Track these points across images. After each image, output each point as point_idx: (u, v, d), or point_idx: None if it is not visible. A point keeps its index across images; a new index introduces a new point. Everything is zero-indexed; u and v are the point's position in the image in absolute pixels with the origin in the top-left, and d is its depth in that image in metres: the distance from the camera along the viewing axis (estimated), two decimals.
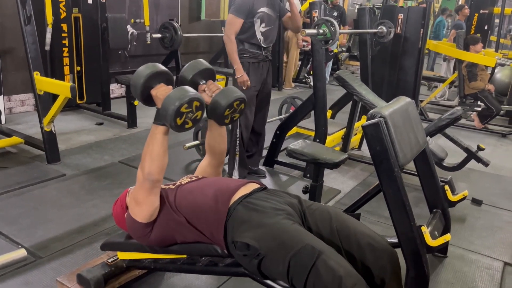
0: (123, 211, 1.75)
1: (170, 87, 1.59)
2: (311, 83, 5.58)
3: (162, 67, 1.62)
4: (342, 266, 1.29)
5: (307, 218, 1.56)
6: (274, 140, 3.54)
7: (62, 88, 3.12)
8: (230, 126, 3.26)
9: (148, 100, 1.61)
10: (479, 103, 5.59)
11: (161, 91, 1.55)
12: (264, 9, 3.00)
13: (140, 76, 1.57)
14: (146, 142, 1.56)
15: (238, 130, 3.16)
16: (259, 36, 3.03)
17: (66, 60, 4.71)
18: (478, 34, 6.35)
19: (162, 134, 1.53)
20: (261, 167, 3.49)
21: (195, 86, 1.72)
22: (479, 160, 3.32)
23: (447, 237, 1.91)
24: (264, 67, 3.18)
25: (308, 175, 3.36)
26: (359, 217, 2.48)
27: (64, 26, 4.61)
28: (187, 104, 1.45)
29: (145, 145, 1.56)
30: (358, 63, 6.56)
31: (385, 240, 1.49)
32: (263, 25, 3.03)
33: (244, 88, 3.04)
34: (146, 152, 1.55)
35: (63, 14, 4.57)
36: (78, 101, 4.90)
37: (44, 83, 3.27)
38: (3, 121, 4.23)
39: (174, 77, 1.75)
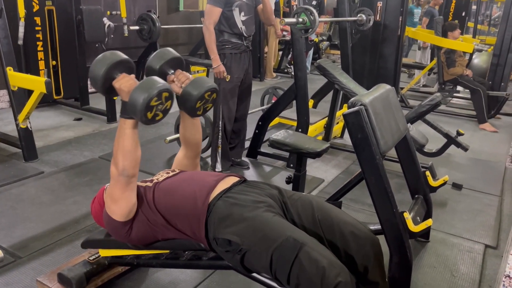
0: (102, 209, 1.71)
1: (133, 76, 1.51)
2: (292, 73, 5.58)
3: (122, 55, 1.53)
4: (325, 256, 1.29)
5: (289, 209, 1.55)
6: (257, 131, 3.52)
7: (37, 83, 3.04)
8: (212, 118, 3.24)
9: (110, 92, 1.53)
10: (457, 88, 5.67)
11: (124, 83, 1.46)
12: None
13: (100, 67, 1.47)
14: (116, 137, 1.50)
15: (220, 122, 3.13)
16: (240, 25, 3.00)
17: (40, 55, 4.59)
18: (456, 21, 6.42)
19: (131, 128, 1.47)
20: (244, 159, 3.47)
21: (163, 76, 1.64)
22: (458, 145, 3.37)
23: (429, 222, 1.93)
24: (245, 57, 3.15)
25: (291, 165, 3.36)
26: (340, 205, 2.50)
27: (38, 20, 4.48)
28: (156, 97, 1.38)
29: (115, 140, 1.50)
30: (338, 52, 6.58)
31: (367, 228, 1.50)
32: (242, 13, 3.00)
33: (220, 78, 3.01)
34: (118, 148, 1.49)
35: (36, 7, 4.44)
36: (55, 97, 4.79)
37: (17, 78, 3.17)
38: None
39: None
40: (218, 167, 3.21)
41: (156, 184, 1.66)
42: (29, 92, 3.15)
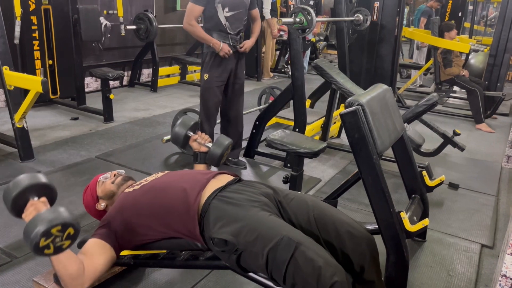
0: (94, 201, 1.73)
1: (41, 202, 1.49)
2: (290, 73, 5.58)
3: (26, 181, 1.50)
4: (321, 256, 1.29)
5: (285, 208, 1.55)
6: (254, 130, 3.52)
7: (33, 82, 3.02)
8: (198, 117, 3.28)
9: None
10: (454, 88, 5.68)
11: (28, 217, 1.44)
12: None
13: (7, 204, 1.48)
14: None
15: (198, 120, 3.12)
16: (223, 21, 2.96)
17: (37, 54, 4.57)
18: (453, 21, 6.44)
19: (53, 256, 1.44)
20: (242, 158, 3.47)
21: (187, 138, 2.15)
22: (455, 145, 3.38)
23: (426, 221, 1.93)
24: (231, 58, 3.08)
25: (288, 165, 3.36)
26: (336, 204, 2.50)
27: (34, 19, 4.46)
28: (43, 237, 1.31)
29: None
30: (336, 52, 6.58)
31: (363, 227, 1.50)
32: (226, 9, 2.95)
33: (226, 57, 3.00)
34: (56, 273, 1.51)
35: (32, 6, 4.42)
36: (52, 96, 4.77)
37: (13, 78, 3.16)
38: None
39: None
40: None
41: (143, 186, 1.67)
42: (25, 92, 3.14)
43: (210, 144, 2.15)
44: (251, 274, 1.50)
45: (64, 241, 1.39)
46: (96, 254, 1.60)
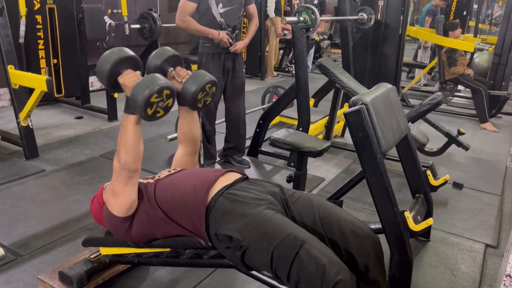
0: (101, 208, 1.72)
1: (138, 73, 1.54)
2: (293, 72, 5.57)
3: (129, 52, 1.56)
4: (326, 254, 1.29)
5: (290, 207, 1.55)
6: (257, 129, 3.52)
7: (38, 81, 3.04)
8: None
9: (116, 87, 1.56)
10: (458, 87, 5.66)
11: (128, 79, 1.49)
12: None
13: (106, 62, 1.50)
14: (119, 132, 1.54)
15: (200, 120, 3.11)
16: (218, 18, 2.92)
17: (41, 53, 4.59)
18: (457, 20, 6.41)
19: (133, 124, 1.50)
20: (245, 157, 3.47)
21: (164, 73, 1.70)
22: (459, 144, 3.36)
23: (430, 221, 1.93)
24: (228, 60, 3.05)
25: (292, 164, 3.36)
26: (341, 204, 2.50)
27: (39, 18, 4.48)
28: (157, 94, 1.41)
29: (118, 135, 1.54)
30: (339, 51, 6.56)
31: (367, 227, 1.50)
32: (220, 5, 2.91)
33: (227, 45, 2.96)
34: (120, 142, 1.52)
35: (37, 5, 4.44)
36: (56, 95, 4.79)
37: (19, 76, 3.17)
38: None
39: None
40: (201, 160, 3.20)
41: (157, 180, 1.67)
42: (30, 91, 3.16)
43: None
44: (254, 272, 1.50)
45: (161, 109, 1.47)
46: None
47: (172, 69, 1.74)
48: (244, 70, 3.25)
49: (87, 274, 1.78)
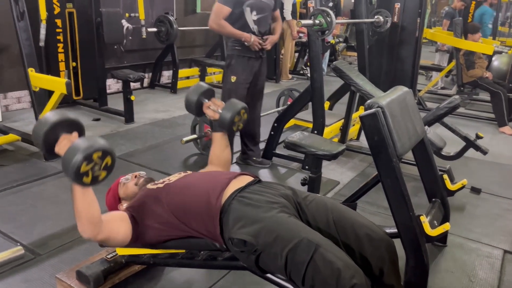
0: (116, 202, 1.76)
1: (74, 136, 1.45)
2: (308, 75, 5.56)
3: (58, 116, 1.45)
4: (340, 258, 1.29)
5: (303, 210, 1.55)
6: (272, 132, 3.53)
7: (57, 84, 3.10)
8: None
9: (57, 156, 1.45)
10: (477, 91, 5.57)
11: (62, 148, 1.39)
12: None
13: (37, 137, 1.41)
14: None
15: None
16: (251, 25, 2.99)
17: (61, 56, 4.67)
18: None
19: (80, 192, 1.43)
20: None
21: (200, 104, 1.97)
22: (477, 148, 3.31)
23: (446, 226, 1.90)
24: (255, 61, 3.14)
25: (306, 167, 3.35)
26: (356, 207, 2.48)
27: (58, 22, 4.57)
28: (86, 161, 1.31)
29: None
30: (355, 54, 6.53)
31: (382, 230, 1.49)
32: (254, 12, 2.98)
33: (257, 49, 3.05)
34: (74, 211, 1.46)
35: (57, 10, 4.52)
36: (75, 97, 4.87)
37: (39, 79, 3.24)
38: None
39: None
40: None
41: (167, 184, 1.69)
42: (50, 93, 3.22)
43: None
44: (269, 275, 1.50)
45: (101, 171, 1.38)
46: (118, 221, 1.61)
47: (207, 100, 1.97)
48: (265, 74, 3.33)
49: (103, 274, 1.81)
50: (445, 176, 2.51)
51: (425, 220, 1.73)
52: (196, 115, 2.11)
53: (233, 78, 3.09)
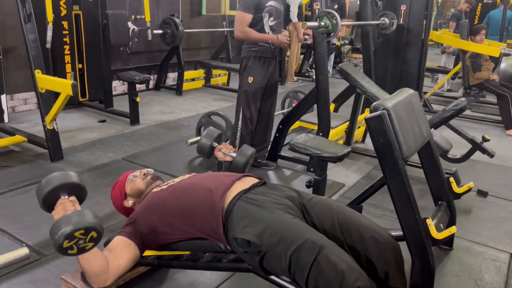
0: (122, 197, 1.77)
1: (70, 201, 1.54)
2: (314, 77, 5.55)
3: (58, 180, 1.54)
4: (344, 260, 1.28)
5: (309, 212, 1.54)
6: (277, 134, 3.52)
7: (64, 85, 3.12)
8: (233, 120, 3.30)
9: None
10: (483, 93, 5.54)
11: (55, 215, 1.50)
12: (272, 3, 3.04)
13: (39, 195, 1.54)
14: None
15: (240, 123, 3.17)
16: (267, 30, 3.06)
17: (67, 58, 4.70)
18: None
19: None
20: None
21: (212, 149, 2.31)
22: (484, 151, 3.28)
23: (453, 229, 1.89)
24: (271, 63, 3.21)
25: (311, 169, 3.34)
26: (361, 210, 2.47)
27: (65, 24, 4.60)
28: (67, 239, 1.36)
29: None
30: (361, 56, 6.52)
31: (388, 233, 1.48)
32: (271, 18, 3.06)
33: (287, 44, 3.18)
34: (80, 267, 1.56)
35: (64, 12, 4.55)
36: (81, 99, 4.90)
37: (45, 81, 3.26)
38: (6, 120, 4.23)
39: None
40: None
41: (171, 186, 1.69)
42: (56, 95, 3.24)
43: (234, 154, 2.26)
44: (273, 277, 1.50)
45: (87, 243, 1.43)
46: (121, 252, 1.63)
47: (216, 144, 2.32)
48: (278, 74, 3.40)
49: None
50: (451, 179, 2.49)
51: (431, 223, 1.71)
52: (207, 157, 2.39)
53: (250, 79, 3.13)
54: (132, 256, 1.65)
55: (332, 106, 4.31)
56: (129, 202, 1.95)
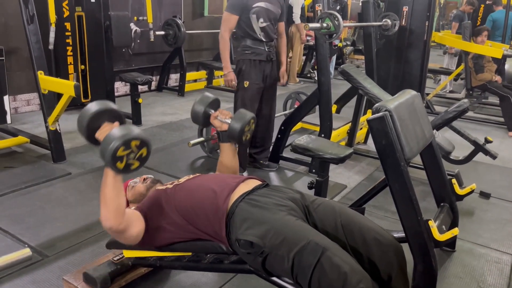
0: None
1: (115, 124, 1.53)
2: (316, 78, 5.55)
3: (102, 106, 1.54)
4: (347, 262, 1.28)
5: (311, 214, 1.54)
6: (279, 135, 3.52)
7: (66, 87, 3.12)
8: None
9: (98, 142, 1.52)
10: (486, 94, 5.53)
11: (102, 134, 1.45)
12: (261, 4, 2.97)
13: (82, 122, 1.52)
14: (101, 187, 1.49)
15: None
16: (258, 31, 3.01)
17: (70, 59, 4.72)
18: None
19: (111, 177, 1.43)
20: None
21: (207, 115, 1.92)
22: (486, 152, 3.28)
23: (455, 231, 1.89)
24: (266, 65, 3.15)
25: (313, 171, 3.35)
26: (364, 212, 2.47)
27: (68, 25, 4.61)
28: (123, 146, 1.35)
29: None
30: (363, 57, 6.52)
31: (390, 235, 1.48)
32: (261, 20, 2.99)
33: (228, 86, 3.10)
34: (101, 197, 1.45)
35: (66, 13, 4.57)
36: (83, 100, 4.90)
37: (48, 82, 3.27)
38: (8, 120, 4.24)
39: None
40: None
41: (176, 185, 1.69)
42: (59, 96, 3.25)
43: (230, 120, 1.95)
44: (275, 278, 1.50)
45: (135, 160, 1.41)
46: (134, 216, 1.60)
47: (213, 111, 1.93)
48: (277, 76, 3.33)
49: (110, 276, 1.81)
50: (454, 181, 2.49)
51: (433, 225, 1.71)
52: (202, 126, 2.07)
53: (246, 84, 3.10)
54: (141, 227, 1.60)
55: (334, 108, 4.31)
56: (132, 209, 1.95)
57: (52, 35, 3.60)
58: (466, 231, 2.55)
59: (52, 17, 3.57)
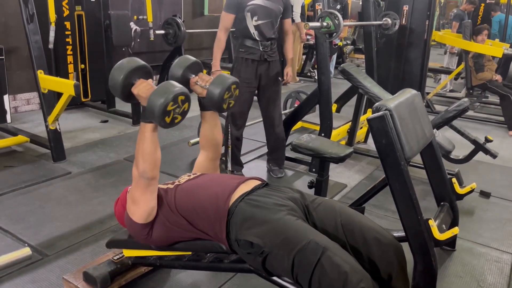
0: (124, 210, 1.75)
1: (150, 81, 1.57)
2: (316, 77, 5.55)
3: (138, 62, 1.58)
4: (348, 262, 1.28)
5: (311, 213, 1.54)
6: None
7: (66, 86, 3.12)
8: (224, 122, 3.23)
9: (130, 98, 1.58)
10: (486, 94, 5.52)
11: (142, 89, 1.52)
12: (257, 2, 2.92)
13: (118, 75, 1.53)
14: (137, 140, 1.56)
15: (229, 125, 3.16)
16: (252, 30, 2.97)
17: (70, 58, 4.71)
18: (485, 25, 6.26)
19: (150, 132, 1.52)
20: (275, 168, 3.37)
21: (186, 80, 1.76)
22: (487, 152, 3.27)
23: (455, 230, 1.89)
24: (261, 66, 3.07)
25: (313, 170, 3.34)
26: (363, 211, 2.47)
27: (68, 24, 4.60)
28: (172, 101, 1.42)
29: (136, 143, 1.56)
30: (363, 56, 6.50)
31: (390, 234, 1.47)
32: (255, 18, 2.94)
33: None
34: (138, 151, 1.54)
35: (66, 12, 4.56)
36: (83, 99, 4.91)
37: (48, 81, 3.27)
38: (8, 120, 4.24)
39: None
40: (229, 166, 3.23)
41: (177, 186, 1.69)
42: (59, 95, 3.25)
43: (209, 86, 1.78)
44: (275, 278, 1.49)
45: (179, 115, 1.48)
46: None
47: (193, 75, 1.77)
48: (280, 78, 3.25)
49: (110, 275, 1.81)
50: (454, 180, 2.49)
51: (433, 224, 1.71)
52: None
53: None
54: (155, 207, 1.61)
55: (334, 107, 4.31)
56: None
57: (52, 34, 3.60)
58: (466, 230, 2.55)
59: (52, 16, 3.56)
